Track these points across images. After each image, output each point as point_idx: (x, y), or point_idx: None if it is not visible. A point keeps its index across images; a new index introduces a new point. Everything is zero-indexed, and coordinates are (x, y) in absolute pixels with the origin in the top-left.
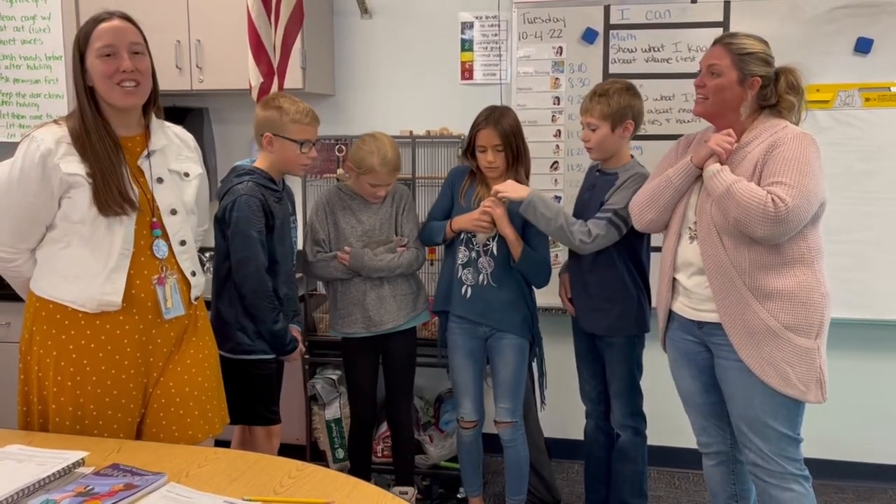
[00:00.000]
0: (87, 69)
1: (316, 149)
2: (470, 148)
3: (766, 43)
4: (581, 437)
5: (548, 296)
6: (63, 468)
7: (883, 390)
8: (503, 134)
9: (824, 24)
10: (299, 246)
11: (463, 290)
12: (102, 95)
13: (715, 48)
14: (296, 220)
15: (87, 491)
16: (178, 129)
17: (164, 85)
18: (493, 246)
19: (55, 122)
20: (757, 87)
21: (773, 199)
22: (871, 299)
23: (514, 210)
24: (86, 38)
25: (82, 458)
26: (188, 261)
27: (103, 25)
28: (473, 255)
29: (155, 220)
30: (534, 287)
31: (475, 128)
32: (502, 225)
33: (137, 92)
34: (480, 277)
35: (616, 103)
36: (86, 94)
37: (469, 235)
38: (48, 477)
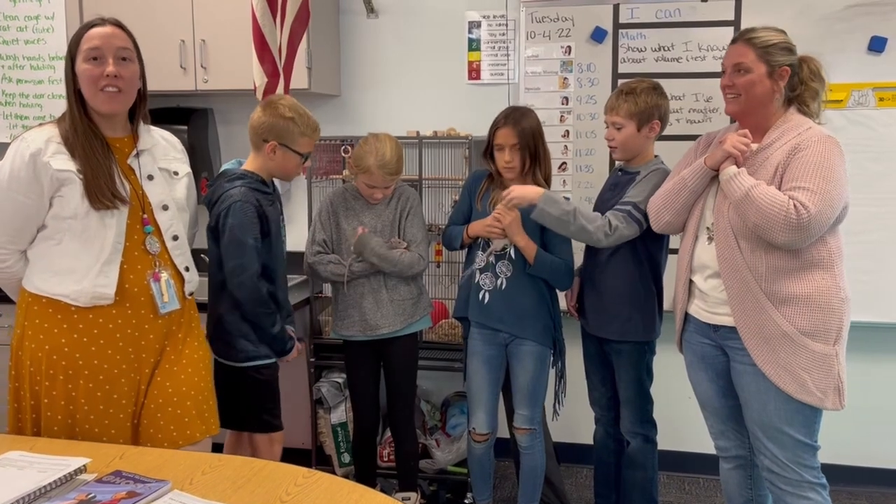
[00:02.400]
0: (76, 73)
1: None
2: (489, 148)
3: (784, 32)
4: (590, 441)
5: (559, 299)
6: (64, 475)
7: (895, 394)
8: (521, 133)
9: (837, 23)
10: (293, 247)
11: (481, 296)
12: (87, 99)
13: (736, 46)
14: (283, 220)
15: (88, 499)
16: (165, 133)
17: (168, 85)
18: (511, 250)
19: (44, 123)
20: (787, 77)
21: (794, 206)
22: (884, 301)
23: (528, 213)
24: (76, 41)
25: (84, 465)
26: (181, 256)
27: (93, 31)
28: (491, 259)
29: (146, 216)
30: (557, 290)
31: (494, 126)
32: (512, 232)
33: (119, 98)
34: (499, 282)
35: (644, 102)
36: (75, 96)
37: (486, 240)
38: (49, 484)
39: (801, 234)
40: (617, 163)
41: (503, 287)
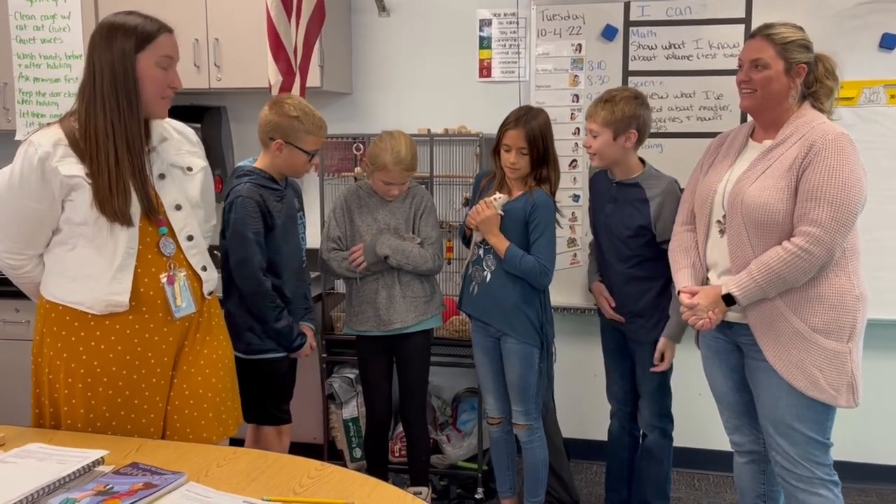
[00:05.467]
0: (140, 73)
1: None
2: (498, 146)
3: (802, 29)
4: (600, 437)
5: (571, 295)
6: (83, 467)
7: None
8: (530, 137)
9: (849, 20)
10: (309, 244)
11: (471, 288)
12: (146, 102)
13: (755, 41)
14: (303, 215)
15: (106, 490)
16: (178, 124)
17: (181, 83)
18: None
19: (51, 124)
20: (804, 74)
21: (804, 249)
22: (894, 299)
23: (513, 213)
24: (148, 38)
25: (102, 457)
26: (197, 256)
27: (169, 37)
28: (481, 252)
29: (160, 217)
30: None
31: (504, 126)
32: (484, 230)
33: (169, 103)
34: (485, 275)
35: (620, 111)
36: (118, 94)
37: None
38: (68, 476)
39: (825, 260)
40: (608, 173)
41: (488, 281)
